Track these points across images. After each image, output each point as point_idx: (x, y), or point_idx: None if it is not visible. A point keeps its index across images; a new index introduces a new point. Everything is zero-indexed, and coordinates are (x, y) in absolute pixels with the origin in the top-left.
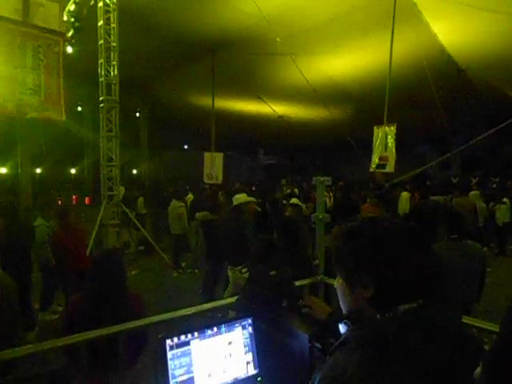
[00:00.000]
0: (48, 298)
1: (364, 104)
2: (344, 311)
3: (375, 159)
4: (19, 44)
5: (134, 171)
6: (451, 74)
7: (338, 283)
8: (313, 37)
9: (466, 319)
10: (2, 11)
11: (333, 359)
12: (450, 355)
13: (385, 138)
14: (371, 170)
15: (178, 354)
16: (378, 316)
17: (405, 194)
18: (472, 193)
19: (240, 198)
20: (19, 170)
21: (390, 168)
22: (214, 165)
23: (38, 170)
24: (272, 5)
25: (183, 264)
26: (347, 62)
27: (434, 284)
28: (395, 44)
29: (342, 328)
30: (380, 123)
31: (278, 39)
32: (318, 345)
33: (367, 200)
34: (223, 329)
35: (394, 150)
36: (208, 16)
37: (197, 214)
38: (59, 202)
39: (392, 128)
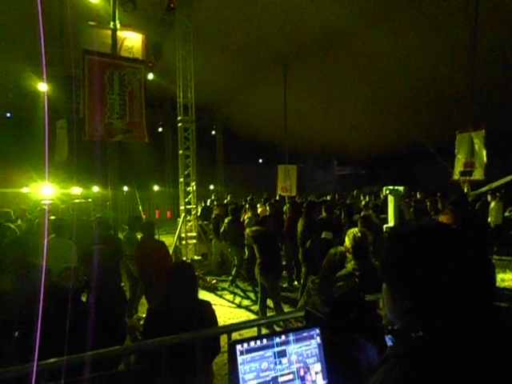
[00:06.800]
0: (133, 305)
1: (445, 107)
2: (390, 318)
3: (459, 166)
4: (108, 74)
5: (211, 186)
6: None
7: (383, 289)
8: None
9: None
10: (94, 46)
11: (375, 376)
12: (501, 377)
13: (470, 143)
14: (455, 177)
15: (248, 360)
16: (420, 332)
17: (495, 204)
18: None
19: None
20: (109, 188)
21: (478, 175)
22: (288, 177)
23: (125, 188)
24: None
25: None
26: (427, 66)
27: (485, 298)
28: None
29: (388, 341)
30: (463, 127)
31: None
32: None
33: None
34: (291, 337)
35: (483, 156)
36: (279, 32)
37: (247, 229)
38: (144, 217)
39: (480, 133)
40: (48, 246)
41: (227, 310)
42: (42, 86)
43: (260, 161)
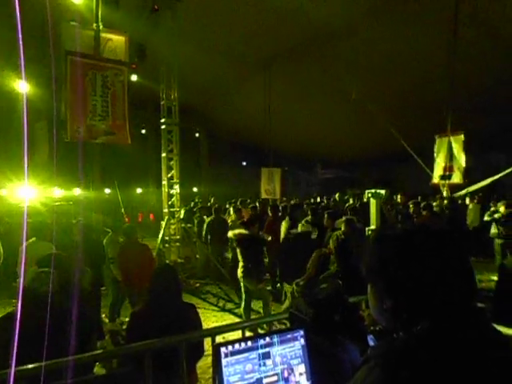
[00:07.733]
0: (116, 309)
1: (425, 111)
2: (375, 318)
3: (438, 170)
4: (90, 75)
5: (195, 189)
6: None
7: (368, 289)
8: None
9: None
10: (76, 47)
11: (356, 376)
12: (487, 378)
13: (449, 147)
14: (434, 181)
15: (232, 362)
16: (401, 333)
17: (473, 206)
18: None
19: None
20: (91, 191)
21: (457, 179)
22: (271, 180)
23: (108, 190)
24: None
25: None
26: (405, 68)
27: (467, 299)
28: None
29: (370, 341)
30: (442, 131)
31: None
32: None
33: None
34: (275, 339)
35: (461, 160)
36: (263, 34)
37: (230, 232)
38: (127, 220)
39: (458, 137)
40: (27, 250)
41: (211, 313)
42: (21, 86)
43: (244, 163)
